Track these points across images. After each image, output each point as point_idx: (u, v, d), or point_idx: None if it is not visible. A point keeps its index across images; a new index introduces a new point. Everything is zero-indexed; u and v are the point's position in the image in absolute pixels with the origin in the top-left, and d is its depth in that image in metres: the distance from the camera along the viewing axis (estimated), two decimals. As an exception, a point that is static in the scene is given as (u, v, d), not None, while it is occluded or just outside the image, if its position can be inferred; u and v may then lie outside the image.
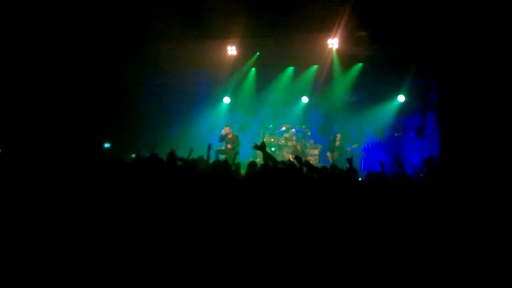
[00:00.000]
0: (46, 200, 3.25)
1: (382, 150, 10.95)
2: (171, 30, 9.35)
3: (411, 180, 4.55)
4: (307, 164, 4.51)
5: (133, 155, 7.08)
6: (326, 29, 9.45)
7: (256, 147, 4.63)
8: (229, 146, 10.05)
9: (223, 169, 3.96)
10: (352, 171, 4.48)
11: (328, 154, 10.33)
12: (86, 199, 3.29)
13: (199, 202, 3.37)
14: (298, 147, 10.50)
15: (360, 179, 6.13)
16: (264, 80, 11.57)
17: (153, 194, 3.41)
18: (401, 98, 10.39)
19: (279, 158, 10.30)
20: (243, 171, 5.68)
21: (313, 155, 10.62)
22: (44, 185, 3.45)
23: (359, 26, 9.15)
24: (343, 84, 10.84)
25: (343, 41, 9.77)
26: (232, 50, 10.70)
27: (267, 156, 4.28)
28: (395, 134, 10.69)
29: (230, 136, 10.16)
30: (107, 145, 9.80)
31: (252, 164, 4.96)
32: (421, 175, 7.77)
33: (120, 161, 4.17)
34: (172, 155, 4.87)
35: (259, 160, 10.06)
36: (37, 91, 8.78)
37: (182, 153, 5.83)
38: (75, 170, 3.85)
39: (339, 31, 9.41)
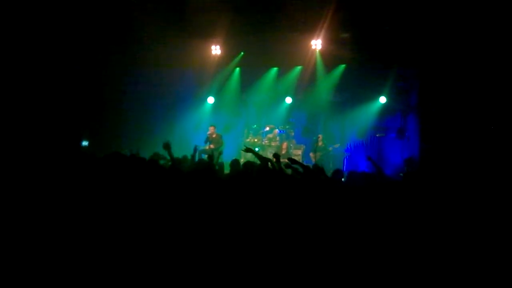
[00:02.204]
0: (21, 195, 3.19)
1: (364, 150, 11.11)
2: (155, 30, 9.30)
3: (388, 178, 4.62)
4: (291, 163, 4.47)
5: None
6: (310, 30, 9.57)
7: (247, 150, 4.66)
8: (212, 146, 10.03)
9: (207, 169, 3.97)
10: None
11: (311, 154, 10.45)
12: (62, 195, 3.25)
13: (182, 202, 3.36)
14: (284, 145, 10.55)
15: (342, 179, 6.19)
16: (248, 80, 11.59)
17: (134, 193, 3.38)
18: (382, 100, 10.57)
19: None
20: (226, 171, 5.69)
21: (296, 156, 10.69)
22: (20, 181, 3.40)
23: (342, 28, 9.29)
24: (326, 85, 10.96)
25: (327, 42, 9.91)
26: (216, 50, 10.70)
27: (260, 158, 4.30)
28: (377, 135, 10.86)
29: (214, 136, 10.15)
30: (84, 143, 9.70)
31: (235, 163, 4.98)
32: (401, 174, 7.93)
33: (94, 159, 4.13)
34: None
35: (243, 160, 10.09)
36: (20, 89, 8.63)
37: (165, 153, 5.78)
38: (52, 166, 3.80)
39: (323, 32, 9.54)
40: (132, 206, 3.16)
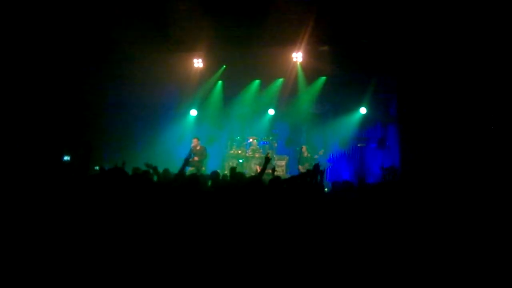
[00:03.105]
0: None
1: (346, 160, 11.27)
2: (137, 43, 9.32)
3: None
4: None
5: (97, 167, 6.91)
6: (290, 43, 9.75)
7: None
8: (196, 158, 10.00)
9: (191, 182, 3.98)
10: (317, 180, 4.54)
11: (300, 167, 10.46)
12: (46, 210, 3.22)
13: (168, 214, 3.37)
14: (268, 156, 10.55)
15: (326, 189, 6.26)
16: (231, 93, 11.68)
17: (117, 207, 3.37)
18: (362, 110, 10.78)
19: (246, 170, 10.36)
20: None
21: (280, 166, 10.76)
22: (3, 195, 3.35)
23: (322, 41, 9.50)
24: (308, 96, 11.15)
25: (307, 55, 10.11)
26: (198, 63, 10.77)
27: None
28: (358, 145, 11.05)
29: (198, 148, 10.13)
30: (66, 157, 9.53)
31: (215, 174, 5.02)
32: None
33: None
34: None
35: (226, 172, 10.08)
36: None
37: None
38: (33, 180, 3.76)
39: (303, 45, 9.73)
40: (122, 218, 3.15)
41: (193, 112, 11.85)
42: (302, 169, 10.31)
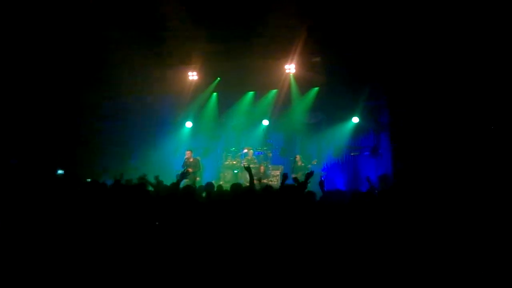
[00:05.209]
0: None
1: (340, 169, 11.38)
2: (132, 57, 9.47)
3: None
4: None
5: (89, 180, 6.96)
6: (283, 55, 9.96)
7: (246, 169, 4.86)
8: (190, 170, 10.07)
9: (187, 193, 4.08)
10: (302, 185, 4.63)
11: (293, 176, 10.55)
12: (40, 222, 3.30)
13: (165, 225, 3.46)
14: (262, 168, 10.70)
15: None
16: (226, 105, 11.84)
17: (114, 217, 3.45)
18: (355, 120, 10.94)
19: (241, 180, 10.45)
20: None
21: (275, 176, 10.86)
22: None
23: (313, 53, 9.71)
24: (301, 107, 11.30)
25: (299, 66, 10.31)
26: (193, 76, 10.93)
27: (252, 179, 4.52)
28: (352, 154, 11.17)
29: (191, 160, 10.21)
30: (60, 171, 9.57)
31: (210, 185, 5.12)
32: (376, 191, 8.15)
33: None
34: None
35: (222, 183, 10.16)
36: None
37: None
38: (29, 194, 3.85)
39: (295, 57, 9.94)
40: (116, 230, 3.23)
41: (189, 124, 11.97)
42: (294, 177, 10.42)
